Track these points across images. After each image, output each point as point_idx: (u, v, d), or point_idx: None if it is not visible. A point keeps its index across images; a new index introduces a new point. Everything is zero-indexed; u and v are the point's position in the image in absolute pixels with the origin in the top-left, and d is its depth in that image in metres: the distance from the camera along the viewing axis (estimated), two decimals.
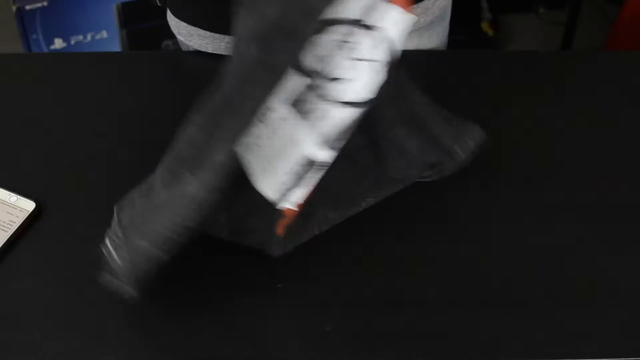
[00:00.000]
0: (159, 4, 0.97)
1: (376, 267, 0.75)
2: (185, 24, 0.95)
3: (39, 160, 0.84)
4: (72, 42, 1.99)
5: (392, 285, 0.73)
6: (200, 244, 0.76)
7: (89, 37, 2.01)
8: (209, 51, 0.95)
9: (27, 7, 1.88)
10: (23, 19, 1.90)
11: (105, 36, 2.02)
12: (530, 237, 0.78)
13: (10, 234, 0.76)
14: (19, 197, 0.79)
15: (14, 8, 1.87)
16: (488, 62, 0.97)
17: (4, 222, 0.77)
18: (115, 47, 2.04)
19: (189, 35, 0.96)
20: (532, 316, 0.71)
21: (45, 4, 1.90)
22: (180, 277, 0.73)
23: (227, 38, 0.93)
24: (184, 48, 1.03)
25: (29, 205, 0.78)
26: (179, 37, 0.99)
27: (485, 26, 2.25)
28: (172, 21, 0.98)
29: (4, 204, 0.78)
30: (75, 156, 0.84)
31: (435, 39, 1.04)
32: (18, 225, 0.77)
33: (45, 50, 1.96)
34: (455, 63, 0.96)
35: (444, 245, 0.77)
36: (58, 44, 1.98)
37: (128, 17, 2.00)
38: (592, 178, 0.83)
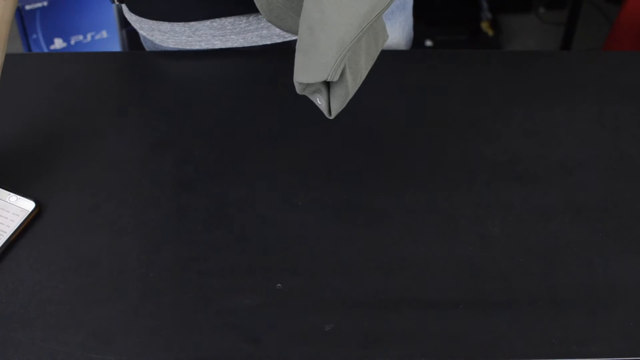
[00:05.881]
0: (116, 3, 0.96)
1: (376, 267, 0.75)
2: (146, 19, 0.94)
3: (39, 160, 0.84)
4: (72, 42, 1.99)
5: (392, 285, 0.73)
6: (201, 244, 0.76)
7: (89, 37, 2.01)
8: (171, 46, 0.95)
9: (27, 7, 1.88)
10: (23, 19, 1.90)
11: (105, 36, 2.02)
12: (530, 237, 0.78)
13: (10, 233, 0.76)
14: (18, 197, 0.79)
15: None
16: (488, 62, 0.97)
17: (4, 222, 0.77)
18: (115, 47, 2.04)
19: (150, 30, 0.95)
20: (532, 316, 0.71)
21: (45, 4, 1.90)
22: (180, 277, 0.74)
23: (187, 31, 0.93)
24: (148, 46, 1.02)
25: (28, 205, 0.78)
26: (141, 32, 0.98)
27: (485, 26, 2.25)
28: (132, 17, 0.97)
29: (4, 203, 0.78)
30: (75, 156, 0.84)
31: (398, 29, 1.04)
32: (18, 225, 0.76)
33: (45, 50, 1.96)
34: (455, 63, 0.96)
35: (443, 245, 0.77)
36: (58, 44, 1.98)
37: None
38: (592, 178, 0.83)
